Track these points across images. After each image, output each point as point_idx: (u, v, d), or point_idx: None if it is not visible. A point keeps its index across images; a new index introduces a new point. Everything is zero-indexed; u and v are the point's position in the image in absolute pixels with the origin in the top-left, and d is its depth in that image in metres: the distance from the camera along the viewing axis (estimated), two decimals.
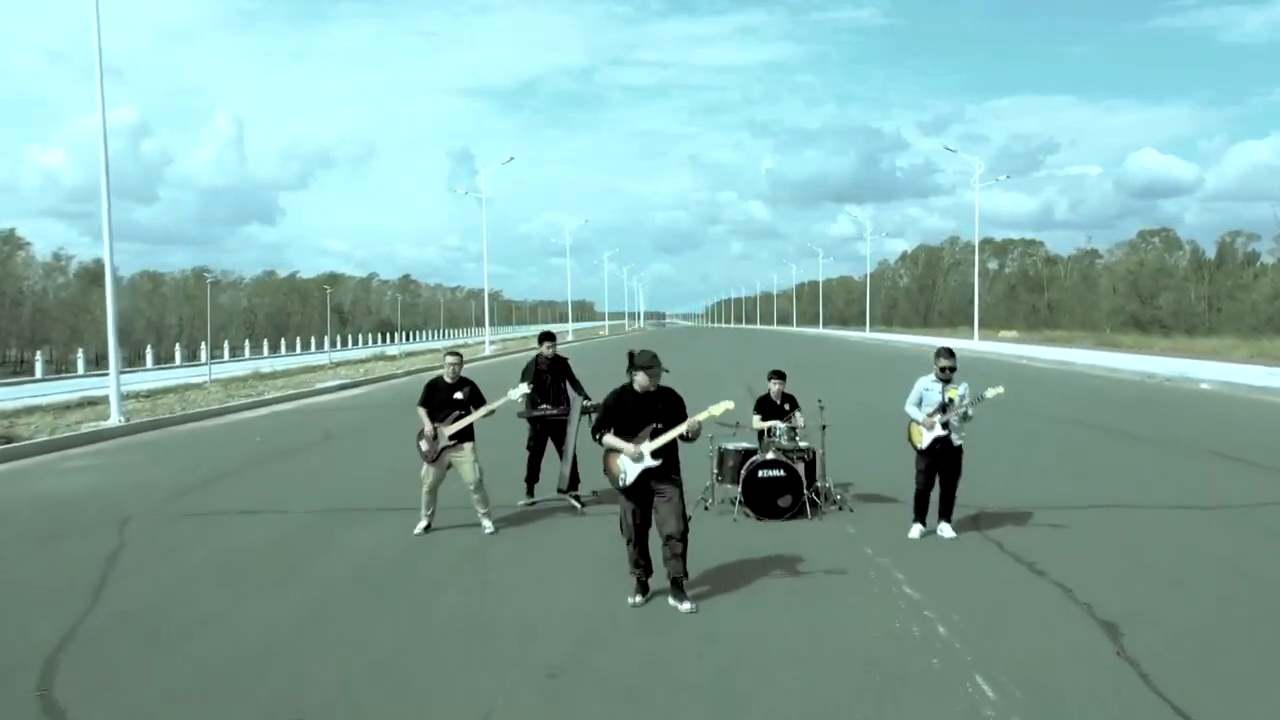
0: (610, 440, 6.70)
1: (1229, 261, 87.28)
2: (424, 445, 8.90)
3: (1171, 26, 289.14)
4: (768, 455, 9.26)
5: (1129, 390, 24.74)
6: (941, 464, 8.38)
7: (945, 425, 8.26)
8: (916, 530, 8.45)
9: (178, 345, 56.54)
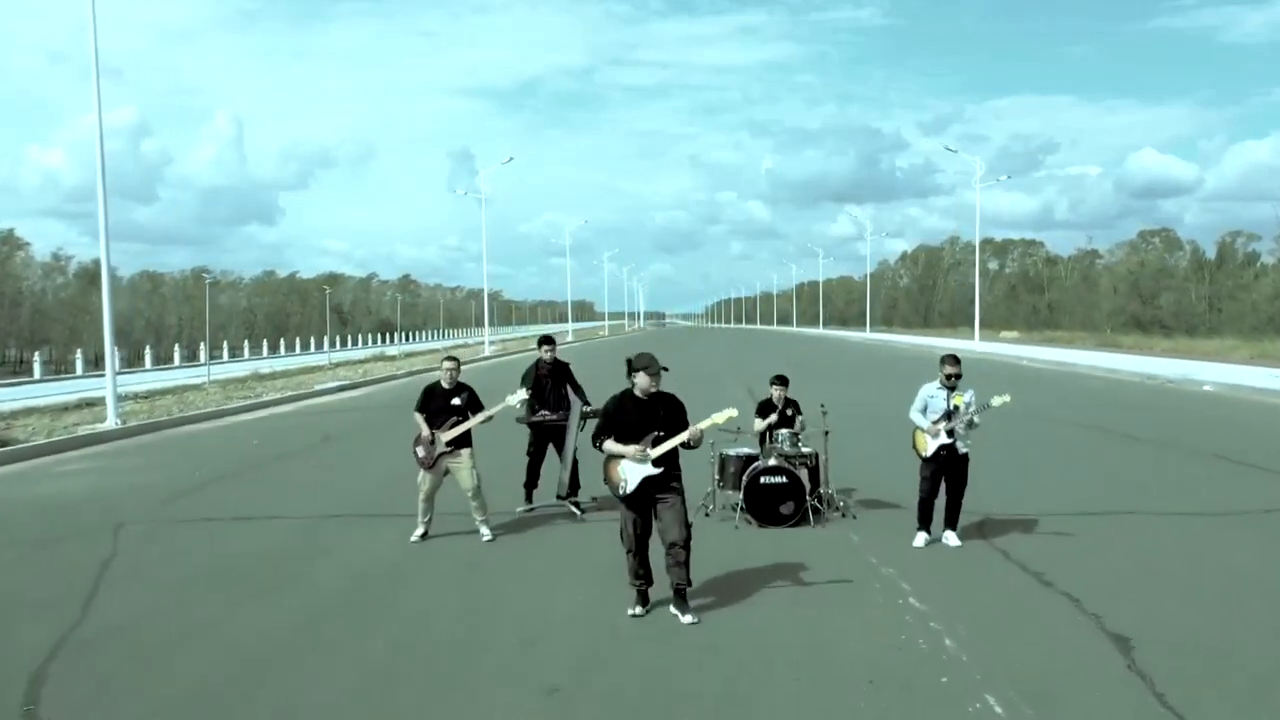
0: (611, 447, 6.57)
1: (1229, 262, 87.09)
2: (421, 451, 8.77)
3: (1171, 26, 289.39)
4: (770, 461, 9.13)
5: (1131, 392, 24.62)
6: (947, 472, 8.25)
7: (950, 433, 8.13)
8: (921, 539, 8.32)
9: (176, 346, 56.46)
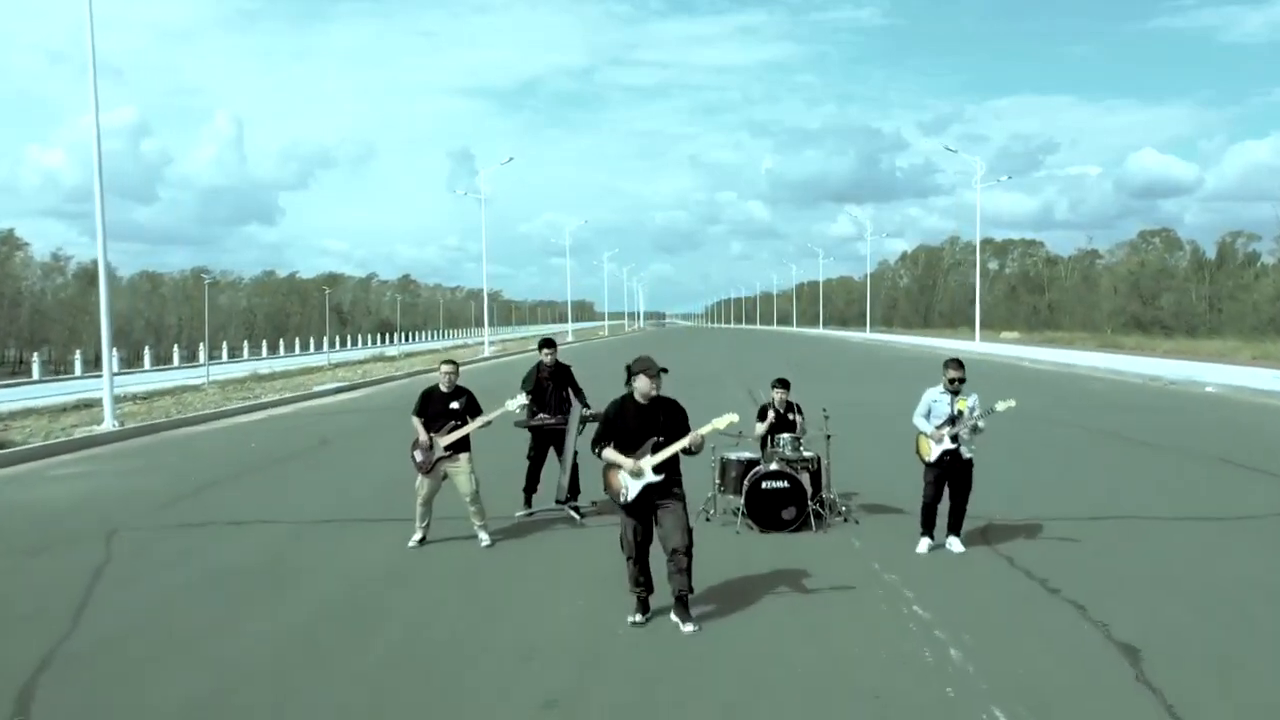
0: (610, 455, 6.47)
1: (1229, 262, 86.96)
2: (418, 456, 8.66)
3: (1171, 26, 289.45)
4: (771, 466, 9.03)
5: (1133, 394, 24.50)
6: (951, 477, 8.13)
7: (954, 438, 8.02)
8: (924, 545, 8.21)
9: (176, 346, 56.35)
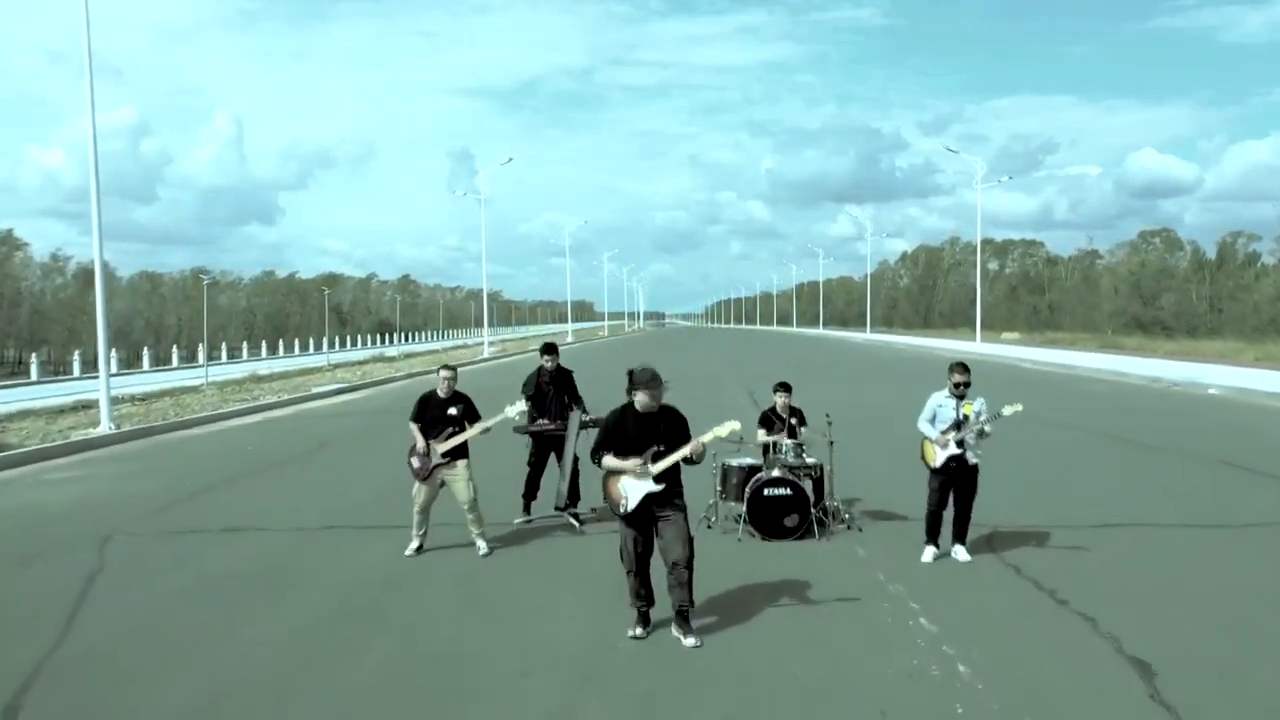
0: (610, 462, 6.34)
1: (1229, 262, 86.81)
2: (416, 462, 8.53)
3: (1171, 26, 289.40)
4: (773, 473, 8.90)
5: (1136, 395, 24.38)
6: (956, 483, 8.01)
7: (960, 443, 7.89)
8: (929, 553, 8.08)
9: (175, 347, 56.19)
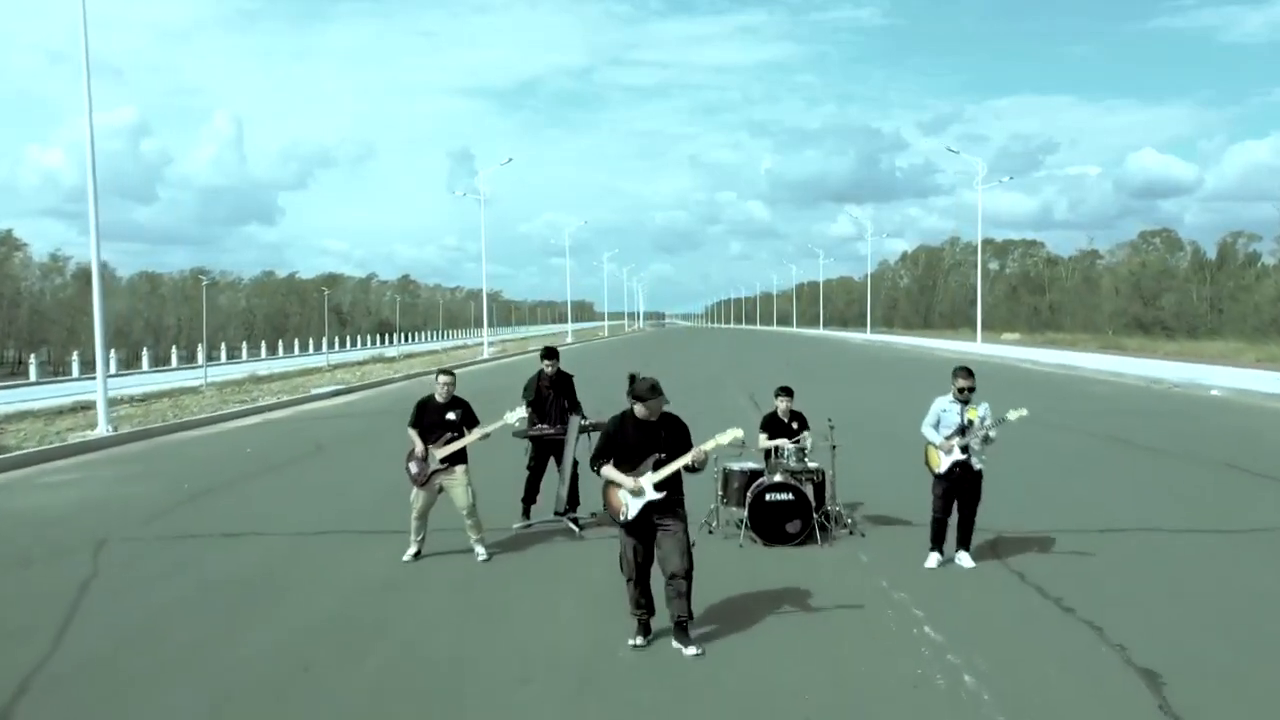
0: (609, 473, 6.26)
1: (1230, 262, 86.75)
2: (413, 468, 8.45)
3: (1171, 26, 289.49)
4: (775, 477, 8.80)
5: (1137, 397, 24.29)
6: (960, 489, 7.92)
7: (965, 449, 7.80)
8: (933, 560, 7.99)
9: (174, 347, 56.09)
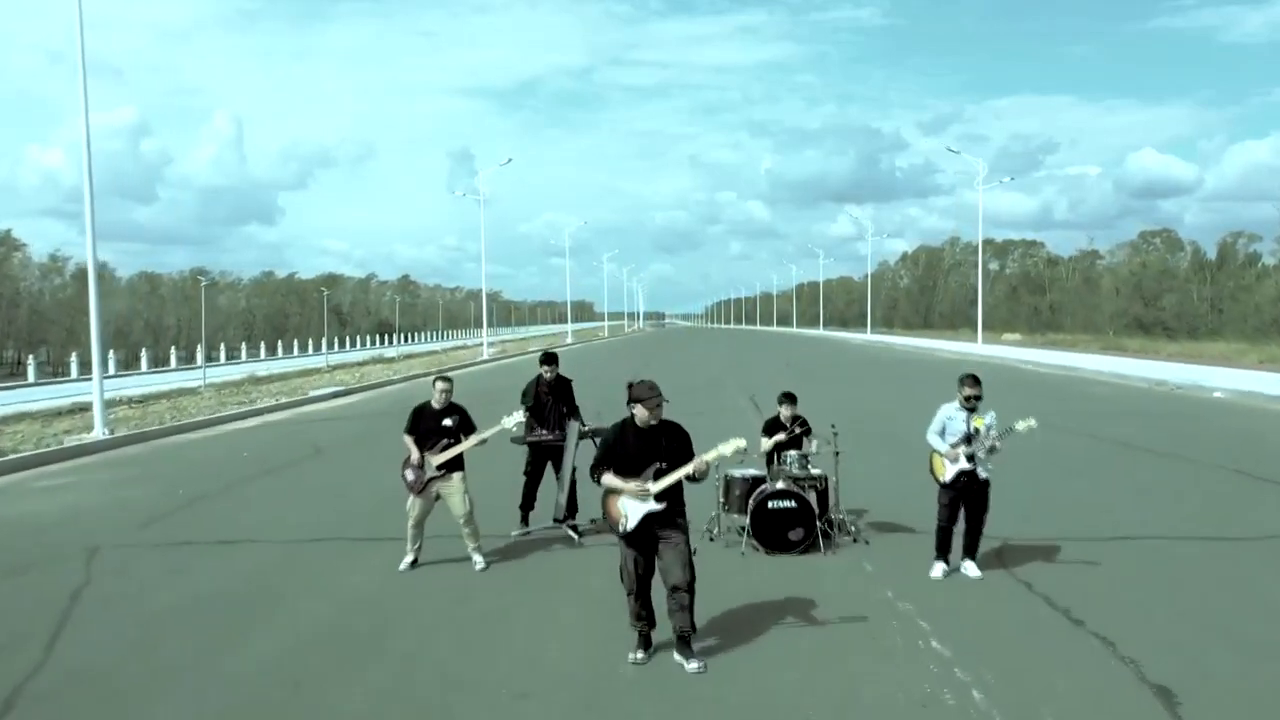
0: (609, 480, 6.13)
1: (1230, 262, 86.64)
2: (410, 475, 8.32)
3: (1171, 26, 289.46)
4: (777, 484, 8.68)
5: (1140, 399, 24.14)
6: (966, 498, 7.78)
7: (971, 458, 7.67)
8: (939, 569, 7.85)
9: (173, 348, 55.95)
